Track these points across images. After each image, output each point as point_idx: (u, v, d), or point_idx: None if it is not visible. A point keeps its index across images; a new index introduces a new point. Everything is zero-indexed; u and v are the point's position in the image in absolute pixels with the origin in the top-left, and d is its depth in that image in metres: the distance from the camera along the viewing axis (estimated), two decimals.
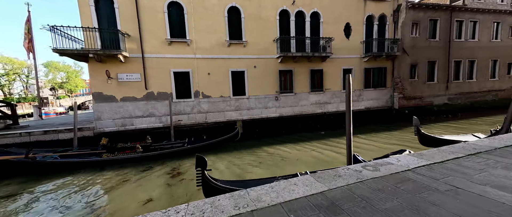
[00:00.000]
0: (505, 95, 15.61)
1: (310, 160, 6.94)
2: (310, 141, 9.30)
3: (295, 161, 6.79)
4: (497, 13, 14.46)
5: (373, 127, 11.90)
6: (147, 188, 5.22)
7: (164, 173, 6.06)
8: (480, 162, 2.64)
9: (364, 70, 12.65)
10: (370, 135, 10.21)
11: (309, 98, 11.72)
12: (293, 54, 10.49)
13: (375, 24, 12.53)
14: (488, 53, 14.79)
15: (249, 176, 5.67)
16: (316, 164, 6.34)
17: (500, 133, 4.97)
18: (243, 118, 10.49)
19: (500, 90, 15.41)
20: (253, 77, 10.57)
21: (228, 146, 8.72)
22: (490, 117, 13.40)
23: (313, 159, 7.09)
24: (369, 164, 2.77)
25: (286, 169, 5.98)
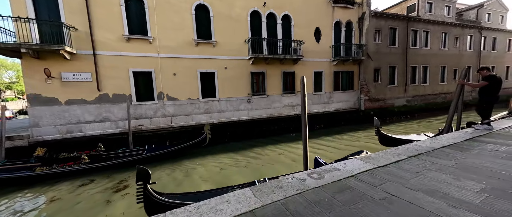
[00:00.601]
0: (452, 98, 17.73)
1: (275, 164, 6.77)
2: (280, 144, 9.21)
3: (260, 167, 6.55)
4: (444, 25, 16.43)
5: (343, 128, 12.41)
6: (77, 209, 4.43)
7: (107, 188, 5.27)
8: (418, 164, 2.66)
9: (333, 73, 13.16)
10: (338, 136, 10.56)
11: (281, 100, 11.73)
12: (265, 56, 10.39)
13: (343, 29, 13.18)
14: (438, 60, 16.69)
15: (207, 185, 5.24)
16: (281, 168, 6.19)
17: (442, 133, 5.39)
18: (213, 121, 9.99)
19: (448, 93, 17.46)
20: (224, 79, 10.17)
21: (194, 153, 8.13)
22: (441, 117, 15.05)
23: (279, 163, 6.94)
24: (316, 171, 2.60)
25: (248, 176, 5.69)
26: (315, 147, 8.88)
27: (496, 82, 4.20)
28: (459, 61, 17.65)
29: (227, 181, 5.36)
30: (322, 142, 9.62)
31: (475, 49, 18.44)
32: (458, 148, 3.24)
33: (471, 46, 18.21)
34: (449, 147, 3.34)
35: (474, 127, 4.59)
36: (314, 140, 10.08)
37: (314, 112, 12.63)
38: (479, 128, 4.49)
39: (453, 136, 3.98)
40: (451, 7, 16.71)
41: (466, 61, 18.08)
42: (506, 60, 20.75)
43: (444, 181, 2.18)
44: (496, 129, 4.40)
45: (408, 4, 16.20)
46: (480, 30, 18.37)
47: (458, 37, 17.35)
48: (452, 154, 2.98)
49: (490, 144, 3.35)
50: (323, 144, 9.24)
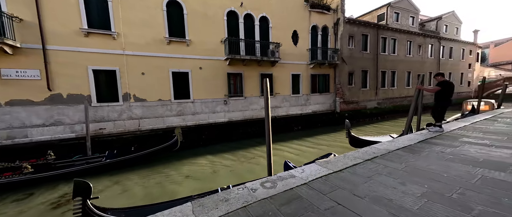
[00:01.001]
0: None
1: (244, 170, 6.57)
2: (255, 147, 9.07)
3: (230, 172, 6.31)
4: (409, 34, 17.94)
5: (319, 130, 12.74)
6: None
7: (45, 203, 4.57)
8: (372, 168, 2.67)
9: (310, 76, 13.48)
10: (314, 138, 10.77)
11: (259, 102, 11.64)
12: (242, 57, 10.21)
13: (319, 34, 13.60)
14: (404, 66, 18.13)
15: (168, 195, 4.84)
16: (251, 173, 6.02)
17: (402, 135, 5.71)
18: (187, 124, 9.49)
19: (411, 96, 18.98)
20: (199, 79, 9.75)
21: (163, 158, 7.60)
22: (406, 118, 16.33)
23: (251, 167, 6.77)
24: (270, 179, 2.46)
25: (216, 182, 5.43)
26: (291, 148, 8.92)
27: (448, 87, 4.54)
28: (422, 67, 19.41)
29: (190, 189, 5.02)
30: (298, 144, 9.71)
31: (435, 57, 20.46)
32: (410, 151, 3.37)
33: (432, 54, 20.16)
34: (403, 149, 3.47)
35: (428, 129, 4.92)
36: (290, 141, 10.16)
37: (292, 114, 12.79)
38: (432, 130, 4.82)
39: (409, 138, 4.19)
40: (415, 18, 18.32)
41: (428, 67, 19.95)
42: (461, 67, 23.39)
43: (391, 186, 2.18)
44: (446, 131, 4.75)
45: (378, 13, 17.37)
46: (439, 40, 20.44)
47: (421, 45, 19.08)
48: (404, 157, 3.08)
49: (438, 146, 3.56)
50: (299, 146, 9.32)
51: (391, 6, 16.50)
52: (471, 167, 2.59)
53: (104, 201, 4.73)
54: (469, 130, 4.79)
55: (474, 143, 3.68)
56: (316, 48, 13.31)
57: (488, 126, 5.11)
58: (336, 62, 13.64)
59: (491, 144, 3.54)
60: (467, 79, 24.50)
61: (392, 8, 16.68)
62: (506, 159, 2.83)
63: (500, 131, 4.56)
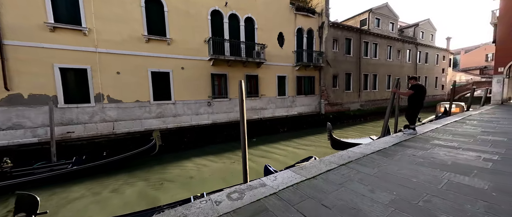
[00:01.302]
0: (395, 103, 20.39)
1: (224, 174, 6.36)
2: (239, 150, 8.86)
3: (208, 177, 6.06)
4: (389, 39, 18.83)
5: (305, 131, 12.84)
6: None
7: None
8: (345, 174, 2.61)
9: (296, 78, 13.58)
10: (299, 139, 10.81)
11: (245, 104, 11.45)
12: (226, 58, 10.00)
13: (305, 36, 13.77)
14: (385, 69, 18.99)
15: (137, 205, 4.50)
16: (229, 178, 5.82)
17: (380, 137, 5.85)
18: (167, 126, 9.05)
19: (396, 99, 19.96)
20: (180, 80, 9.36)
21: (139, 163, 7.15)
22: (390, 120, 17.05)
23: (229, 172, 6.55)
24: (239, 189, 2.30)
25: (191, 189, 5.16)
26: (276, 150, 8.84)
27: (420, 91, 4.69)
28: (401, 71, 20.45)
29: (163, 198, 4.71)
30: (282, 146, 9.67)
31: (413, 61, 21.69)
32: (384, 154, 3.39)
33: (410, 59, 21.35)
34: (378, 153, 3.48)
35: (403, 132, 5.06)
36: (275, 143, 10.09)
37: (278, 116, 12.77)
38: (407, 133, 4.96)
39: (384, 141, 4.25)
40: (394, 24, 19.29)
41: (406, 71, 21.07)
42: (435, 71, 25.03)
43: (360, 193, 2.11)
44: (420, 133, 4.92)
45: (361, 18, 18.04)
46: (416, 46, 21.71)
47: (400, 50, 20.12)
48: (378, 161, 3.07)
49: (410, 149, 3.62)
50: (284, 148, 9.28)
51: (372, 12, 17.20)
52: (439, 171, 2.62)
53: (65, 214, 4.28)
54: (440, 132, 4.99)
55: (444, 145, 3.80)
56: (302, 50, 13.45)
57: (457, 128, 5.38)
58: (321, 65, 13.89)
59: (458, 147, 3.67)
60: (441, 83, 26.27)
61: (373, 14, 17.40)
62: (471, 162, 2.92)
63: (467, 133, 4.80)
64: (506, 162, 2.86)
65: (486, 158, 3.05)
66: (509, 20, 11.52)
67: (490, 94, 13.42)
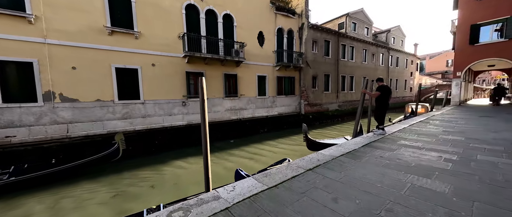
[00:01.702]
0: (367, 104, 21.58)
1: (193, 181, 5.89)
2: (214, 153, 8.45)
3: (172, 185, 5.54)
4: (365, 43, 19.82)
5: (285, 132, 12.81)
6: None
7: None
8: (310, 180, 2.40)
9: (276, 78, 13.51)
10: (278, 140, 10.69)
11: (223, 104, 11.03)
12: (203, 55, 9.47)
13: (285, 37, 13.77)
14: (361, 72, 19.93)
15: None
16: (196, 186, 5.39)
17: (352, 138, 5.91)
18: (135, 128, 8.26)
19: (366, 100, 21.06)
20: (151, 78, 8.61)
21: (98, 171, 6.34)
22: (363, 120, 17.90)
23: (199, 178, 6.07)
24: (185, 205, 1.94)
25: (146, 201, 4.63)
26: (253, 152, 8.57)
27: (386, 92, 4.78)
28: (375, 73, 21.67)
29: (115, 212, 4.14)
30: (261, 146, 9.45)
31: (385, 65, 23.16)
32: (353, 156, 3.29)
33: (383, 62, 22.75)
34: (347, 155, 3.38)
35: (373, 132, 5.13)
36: (255, 144, 9.84)
37: (258, 116, 12.55)
38: (377, 133, 5.03)
39: (355, 142, 4.21)
40: (369, 29, 20.38)
41: (380, 74, 22.40)
42: (405, 75, 27.08)
43: (322, 203, 1.90)
44: (388, 134, 5.01)
45: (339, 21, 18.70)
46: (388, 50, 23.22)
47: (374, 54, 21.32)
48: (346, 164, 2.94)
49: (378, 150, 3.59)
50: (262, 149, 9.05)
51: (349, 16, 17.93)
52: (403, 174, 2.55)
53: None
54: (407, 132, 5.15)
55: (409, 145, 3.86)
56: (282, 50, 13.42)
57: (422, 128, 5.63)
58: (301, 66, 14.01)
59: (422, 147, 3.74)
60: (410, 85, 28.52)
61: (350, 18, 18.15)
62: (433, 162, 2.93)
63: (431, 133, 5.01)
64: (463, 162, 2.92)
65: (447, 158, 3.10)
66: (466, 29, 12.77)
67: (450, 96, 14.78)
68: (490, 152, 3.33)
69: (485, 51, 12.22)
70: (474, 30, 12.48)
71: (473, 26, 12.48)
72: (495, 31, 12.12)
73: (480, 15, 12.20)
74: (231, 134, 11.19)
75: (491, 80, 40.06)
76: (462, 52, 13.16)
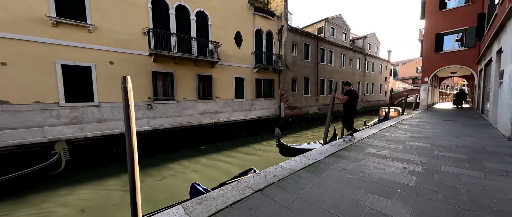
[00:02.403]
0: None
1: (146, 196, 5.17)
2: (181, 161, 7.71)
3: (106, 209, 4.71)
4: (343, 48, 20.41)
5: (263, 136, 12.38)
6: None
7: None
8: (253, 207, 1.90)
9: (255, 81, 13.10)
10: (252, 146, 10.19)
11: (196, 107, 10.29)
12: (172, 54, 8.70)
13: (264, 38, 13.48)
14: (340, 76, 20.45)
15: None
16: (144, 204, 4.68)
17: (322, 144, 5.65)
18: (87, 135, 7.18)
19: None
20: (108, 77, 7.63)
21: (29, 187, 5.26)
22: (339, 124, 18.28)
23: (150, 193, 5.37)
24: None
25: None
26: (226, 158, 7.97)
27: (353, 96, 4.56)
28: (353, 77, 22.43)
29: None
30: (233, 153, 8.88)
31: (362, 70, 24.14)
32: (314, 170, 2.90)
33: (360, 67, 23.68)
34: (309, 168, 2.98)
35: (343, 138, 4.88)
36: (228, 150, 9.24)
37: (235, 120, 11.99)
38: (346, 139, 4.79)
39: (321, 151, 3.86)
40: (347, 34, 21.08)
41: (357, 78, 23.28)
42: (380, 80, 28.56)
43: None
44: (358, 140, 4.79)
45: (318, 26, 19.03)
46: (364, 56, 24.26)
47: (352, 59, 22.09)
48: (303, 181, 2.53)
49: (343, 161, 3.26)
50: (234, 155, 8.49)
51: (328, 21, 18.32)
52: (363, 193, 2.20)
53: None
54: (376, 138, 4.99)
55: (376, 154, 3.61)
56: (261, 52, 13.08)
57: (391, 133, 5.55)
58: (281, 68, 13.80)
59: (388, 156, 3.51)
60: (384, 90, 30.16)
61: (329, 23, 18.55)
62: (396, 176, 2.64)
63: (398, 139, 4.90)
64: (427, 175, 2.68)
65: (411, 170, 2.85)
66: (432, 38, 13.63)
67: (419, 100, 15.65)
68: (454, 162, 3.18)
69: (448, 59, 13.11)
70: (439, 39, 13.36)
71: (437, 35, 13.35)
72: (456, 41, 13.10)
73: (444, 25, 13.10)
74: (206, 139, 10.47)
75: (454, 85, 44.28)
76: (429, 59, 14.01)
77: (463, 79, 38.50)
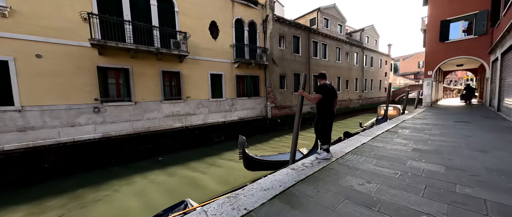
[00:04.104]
0: (346, 105, 20.68)
1: None
2: (125, 179, 6.21)
3: None
4: (338, 41, 18.78)
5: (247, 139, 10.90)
6: None
7: None
8: None
9: (236, 77, 11.58)
10: (222, 155, 8.63)
11: (162, 109, 8.80)
12: (124, 45, 7.19)
13: (246, 29, 11.91)
14: (335, 71, 18.85)
15: None
16: None
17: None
18: (3, 147, 5.71)
19: (343, 101, 20.15)
20: (35, 74, 6.14)
21: None
22: (339, 122, 16.73)
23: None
24: None
25: None
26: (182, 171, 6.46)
27: (328, 94, 3.07)
28: (349, 73, 20.82)
29: None
30: (194, 165, 7.34)
31: (360, 65, 22.49)
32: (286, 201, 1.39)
33: (357, 62, 22.04)
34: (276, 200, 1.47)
35: (316, 155, 3.38)
36: (190, 162, 7.64)
37: (212, 123, 10.49)
38: (320, 156, 3.29)
39: (268, 185, 2.35)
40: (343, 26, 19.42)
41: (354, 74, 21.65)
42: (380, 75, 26.88)
43: None
44: (337, 157, 3.29)
45: (310, 17, 17.40)
46: (362, 49, 22.60)
47: (348, 53, 20.45)
48: None
49: (310, 199, 1.75)
50: (192, 171, 6.93)
51: (321, 11, 16.68)
52: None
53: None
54: (364, 153, 3.48)
55: (357, 193, 2.11)
56: (242, 45, 11.52)
57: (386, 144, 4.03)
58: (266, 63, 12.25)
59: (376, 197, 2.00)
60: (384, 86, 28.49)
61: (322, 14, 16.91)
62: None
63: (396, 155, 3.39)
64: None
65: None
66: (436, 26, 12.01)
67: (422, 96, 14.08)
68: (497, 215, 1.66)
69: (455, 49, 11.50)
70: (444, 26, 11.74)
71: (443, 22, 11.72)
72: (463, 32, 11.48)
73: (450, 11, 11.47)
74: (175, 146, 9.00)
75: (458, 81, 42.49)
76: (433, 50, 12.40)
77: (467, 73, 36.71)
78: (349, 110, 21.06)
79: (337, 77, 19.28)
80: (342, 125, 15.06)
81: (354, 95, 21.86)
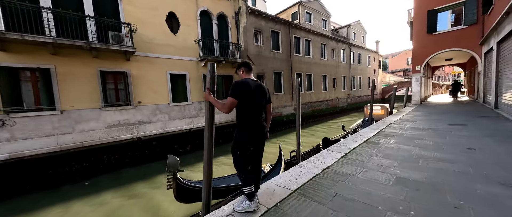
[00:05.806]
0: (333, 104, 19.59)
1: None
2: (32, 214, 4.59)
3: None
4: (323, 37, 17.65)
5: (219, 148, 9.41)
6: None
7: None
8: None
9: (204, 78, 10.09)
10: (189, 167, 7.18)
11: (102, 118, 7.19)
12: (40, 39, 5.59)
13: (214, 23, 10.47)
14: (320, 69, 17.70)
15: None
16: None
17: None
18: None
19: (330, 100, 19.04)
20: None
21: None
22: (326, 123, 15.55)
23: None
24: None
25: None
26: (107, 200, 4.90)
27: (248, 96, 1.69)
28: (336, 71, 19.76)
29: None
30: (125, 191, 5.80)
31: (347, 62, 21.51)
32: None
33: (344, 59, 21.04)
34: None
35: (235, 207, 1.96)
36: (122, 187, 6.06)
37: (173, 131, 8.95)
38: (239, 209, 1.88)
39: None
40: (327, 22, 18.33)
41: (342, 72, 20.62)
42: (368, 72, 26.08)
43: None
44: (267, 209, 1.88)
45: (292, 11, 16.19)
46: (349, 46, 21.64)
47: (334, 49, 19.39)
48: None
49: None
50: (117, 199, 5.42)
51: (302, 4, 15.49)
52: None
53: None
54: (319, 192, 2.12)
55: None
56: (210, 40, 10.07)
57: (358, 171, 2.69)
58: (238, 60, 10.84)
59: None
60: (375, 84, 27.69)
61: (303, 7, 15.72)
62: None
63: (367, 201, 2.04)
64: None
65: None
66: (423, 16, 11.03)
67: (411, 93, 13.10)
68: None
69: (443, 42, 10.52)
70: (432, 17, 10.74)
71: (430, 12, 10.73)
72: (451, 25, 10.51)
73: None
74: (123, 162, 7.41)
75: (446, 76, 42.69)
76: (420, 43, 11.40)
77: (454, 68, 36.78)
78: (337, 109, 19.99)
79: (323, 75, 18.15)
80: (324, 129, 13.87)
81: (342, 93, 20.83)
